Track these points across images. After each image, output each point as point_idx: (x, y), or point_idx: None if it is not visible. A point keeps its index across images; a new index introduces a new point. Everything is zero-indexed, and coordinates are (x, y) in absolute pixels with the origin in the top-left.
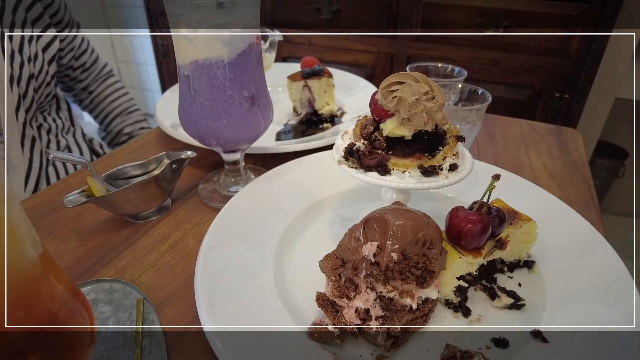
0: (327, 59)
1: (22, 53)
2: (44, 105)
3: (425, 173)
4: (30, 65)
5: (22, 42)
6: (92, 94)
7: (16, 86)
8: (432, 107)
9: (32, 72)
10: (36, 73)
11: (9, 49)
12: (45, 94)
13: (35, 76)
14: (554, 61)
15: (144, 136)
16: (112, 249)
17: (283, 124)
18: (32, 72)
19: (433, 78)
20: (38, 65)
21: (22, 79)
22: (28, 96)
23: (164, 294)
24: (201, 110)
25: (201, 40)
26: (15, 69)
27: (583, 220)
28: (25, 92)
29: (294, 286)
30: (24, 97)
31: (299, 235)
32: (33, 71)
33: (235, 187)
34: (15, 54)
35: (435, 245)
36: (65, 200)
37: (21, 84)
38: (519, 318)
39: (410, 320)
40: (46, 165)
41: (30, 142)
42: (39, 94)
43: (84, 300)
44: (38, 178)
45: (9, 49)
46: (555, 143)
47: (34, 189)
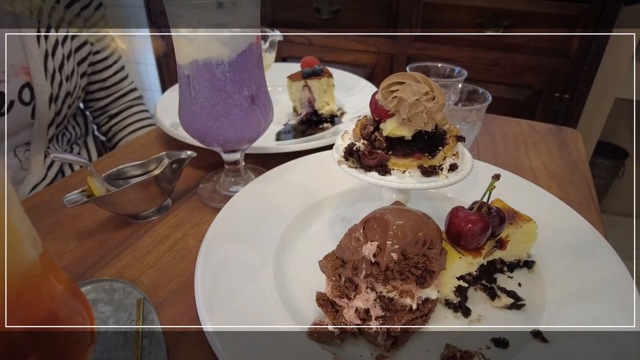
0: (327, 59)
1: (62, 72)
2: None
3: (425, 173)
4: (67, 84)
5: (62, 61)
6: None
7: (54, 104)
8: (433, 108)
9: (69, 90)
10: (72, 90)
11: (50, 68)
12: (74, 107)
13: (71, 93)
14: (554, 61)
15: (144, 136)
16: (112, 249)
17: (283, 124)
18: (69, 89)
19: (433, 78)
20: (74, 82)
21: (59, 97)
22: (62, 113)
23: (164, 293)
24: (201, 110)
25: (201, 40)
26: (54, 88)
27: (583, 220)
28: (59, 110)
29: (294, 286)
30: (57, 114)
31: (299, 235)
32: (69, 89)
33: (235, 187)
34: (56, 73)
35: (435, 245)
36: (65, 200)
37: (58, 102)
38: (519, 318)
39: (410, 320)
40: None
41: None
42: (71, 109)
43: (84, 300)
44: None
45: (51, 68)
46: (555, 143)
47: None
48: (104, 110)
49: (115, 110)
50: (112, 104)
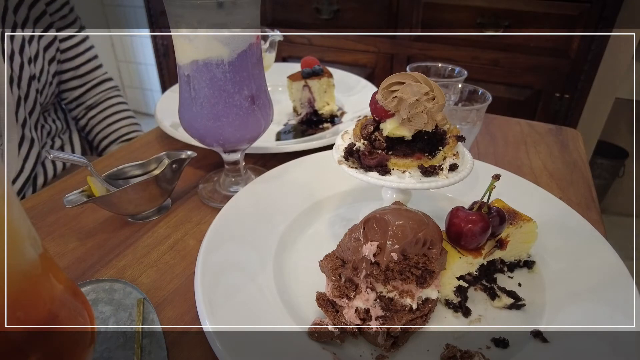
0: (327, 59)
1: (23, 54)
2: (47, 106)
3: (425, 173)
4: (30, 66)
5: (23, 43)
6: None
7: (16, 87)
8: (433, 108)
9: (33, 73)
10: (37, 74)
11: (9, 50)
12: (49, 94)
13: (37, 77)
14: (554, 61)
15: (144, 136)
16: (112, 249)
17: (283, 124)
18: (33, 72)
19: (433, 78)
20: (39, 66)
21: (22, 79)
22: (30, 98)
23: (164, 293)
24: (201, 110)
25: (201, 40)
26: (15, 70)
27: (583, 220)
28: (26, 94)
29: (294, 286)
30: (25, 99)
31: (299, 235)
32: (34, 72)
33: (235, 187)
34: (16, 55)
35: (435, 245)
36: (66, 200)
37: (22, 85)
38: (519, 318)
39: (410, 320)
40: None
41: (29, 144)
42: (43, 95)
43: (84, 300)
44: (26, 181)
45: (9, 49)
46: (555, 143)
47: (19, 191)
48: (80, 101)
49: (91, 101)
50: (87, 94)
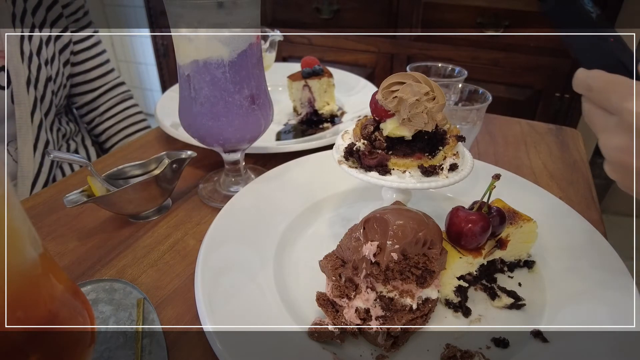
0: (328, 58)
1: (40, 55)
2: (60, 109)
3: (425, 173)
4: (47, 68)
5: (40, 45)
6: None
7: (33, 89)
8: (433, 108)
9: (49, 75)
10: (54, 75)
11: (27, 51)
12: (63, 96)
13: (52, 79)
14: (554, 61)
15: (144, 136)
16: (112, 248)
17: (283, 124)
18: (50, 74)
19: (433, 78)
20: (55, 68)
21: (39, 81)
22: (46, 99)
23: (164, 293)
24: (201, 110)
25: (201, 40)
26: (32, 71)
27: (583, 220)
28: (42, 95)
29: (294, 286)
30: (41, 100)
31: (299, 235)
32: (50, 73)
33: (235, 187)
34: (34, 56)
35: (435, 245)
36: (66, 200)
37: (38, 86)
38: (519, 318)
39: (410, 320)
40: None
41: (44, 146)
42: (58, 97)
43: (84, 300)
44: (46, 183)
45: (27, 50)
46: (555, 143)
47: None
48: (91, 106)
49: (104, 108)
50: (98, 99)
